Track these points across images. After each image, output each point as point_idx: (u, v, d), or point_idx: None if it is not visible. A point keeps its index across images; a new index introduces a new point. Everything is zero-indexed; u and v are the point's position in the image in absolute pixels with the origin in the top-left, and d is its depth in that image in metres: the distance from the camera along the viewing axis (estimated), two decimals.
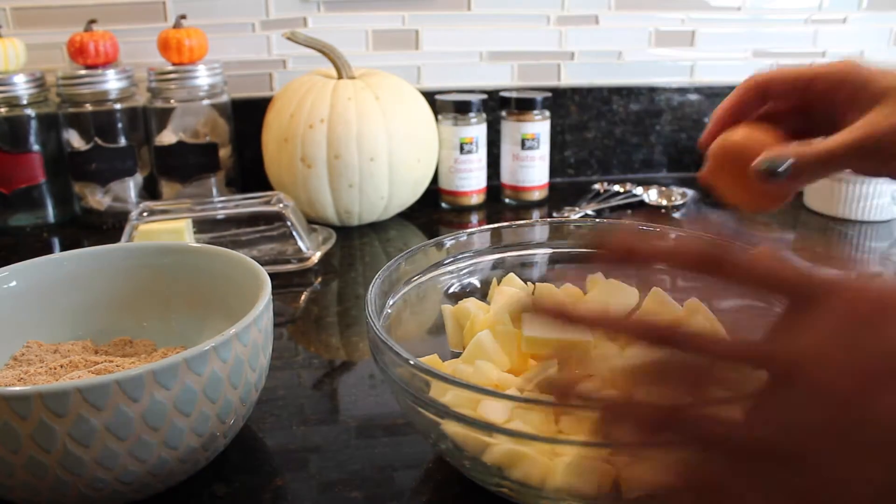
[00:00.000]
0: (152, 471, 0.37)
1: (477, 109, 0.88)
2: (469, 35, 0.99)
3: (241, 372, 0.39)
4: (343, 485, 0.42)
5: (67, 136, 0.85)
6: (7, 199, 0.85)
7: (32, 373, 0.43)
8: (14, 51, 0.83)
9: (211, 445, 0.39)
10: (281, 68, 0.96)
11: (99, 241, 0.55)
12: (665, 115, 1.04)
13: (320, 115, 0.78)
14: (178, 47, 0.84)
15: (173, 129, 0.87)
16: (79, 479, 0.35)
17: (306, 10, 0.94)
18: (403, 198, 0.85)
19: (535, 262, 0.54)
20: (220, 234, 0.77)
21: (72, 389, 0.33)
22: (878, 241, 0.81)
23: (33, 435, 0.33)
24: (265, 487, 0.42)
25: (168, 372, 0.35)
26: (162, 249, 0.52)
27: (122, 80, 0.84)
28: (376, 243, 0.81)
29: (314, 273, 0.73)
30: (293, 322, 0.63)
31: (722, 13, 1.03)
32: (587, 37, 1.01)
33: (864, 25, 1.07)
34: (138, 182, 0.88)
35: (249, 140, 0.92)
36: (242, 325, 0.39)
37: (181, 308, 0.52)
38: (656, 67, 1.04)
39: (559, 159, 1.04)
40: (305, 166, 0.79)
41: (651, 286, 0.48)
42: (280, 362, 0.55)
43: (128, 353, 0.49)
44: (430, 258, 0.50)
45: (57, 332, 0.50)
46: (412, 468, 0.43)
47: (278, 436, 0.46)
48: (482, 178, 0.92)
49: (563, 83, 1.02)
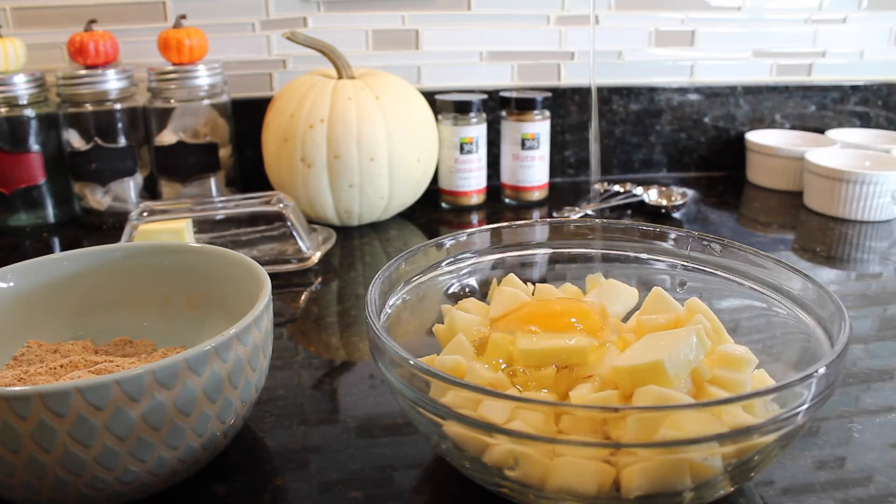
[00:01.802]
0: (152, 471, 0.37)
1: (477, 109, 0.88)
2: (469, 35, 0.99)
3: (241, 372, 0.39)
4: (343, 485, 0.42)
5: (67, 136, 0.85)
6: (7, 199, 0.85)
7: (32, 373, 0.43)
8: (14, 51, 0.83)
9: (211, 445, 0.39)
10: (281, 68, 0.96)
11: (99, 241, 0.56)
12: (665, 115, 1.04)
13: (320, 115, 0.78)
14: (178, 47, 0.84)
15: (173, 129, 0.87)
16: (79, 479, 0.35)
17: (306, 10, 0.94)
18: (403, 198, 0.85)
19: (535, 262, 0.54)
20: (220, 234, 0.77)
21: (72, 389, 0.33)
22: (878, 241, 0.81)
23: (33, 435, 0.33)
24: (265, 487, 0.42)
25: (168, 372, 0.35)
26: (162, 249, 0.52)
27: (122, 80, 0.84)
28: (376, 243, 0.81)
29: (314, 273, 0.73)
30: (293, 322, 0.63)
31: (722, 13, 1.03)
32: (587, 37, 1.01)
33: (864, 25, 1.07)
34: (138, 182, 0.88)
35: (249, 140, 0.92)
36: (242, 325, 0.39)
37: (181, 308, 0.52)
38: (656, 67, 1.04)
39: (559, 159, 1.04)
40: (305, 166, 0.79)
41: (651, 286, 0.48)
42: (280, 362, 0.55)
43: (128, 353, 0.49)
44: (430, 258, 0.50)
45: (57, 332, 0.50)
46: (412, 468, 0.43)
47: (278, 436, 0.46)
48: (482, 178, 0.92)
49: (563, 83, 1.02)
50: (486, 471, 0.37)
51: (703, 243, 0.50)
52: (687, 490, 0.34)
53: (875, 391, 0.51)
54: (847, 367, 0.53)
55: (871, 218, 0.85)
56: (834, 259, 0.76)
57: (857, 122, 1.10)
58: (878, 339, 0.58)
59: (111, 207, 0.87)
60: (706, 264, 0.50)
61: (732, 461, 0.34)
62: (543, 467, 0.35)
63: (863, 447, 0.44)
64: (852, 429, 0.46)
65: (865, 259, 0.77)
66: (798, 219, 0.89)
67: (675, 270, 0.51)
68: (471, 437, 0.36)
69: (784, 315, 0.45)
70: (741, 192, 1.00)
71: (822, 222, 0.86)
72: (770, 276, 0.46)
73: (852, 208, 0.85)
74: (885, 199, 0.84)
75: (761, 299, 0.47)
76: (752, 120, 1.07)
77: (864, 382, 0.52)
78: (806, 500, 0.40)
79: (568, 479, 0.34)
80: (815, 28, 1.06)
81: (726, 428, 0.32)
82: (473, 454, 0.37)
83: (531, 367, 0.40)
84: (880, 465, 0.43)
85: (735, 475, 0.35)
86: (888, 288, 0.70)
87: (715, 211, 0.92)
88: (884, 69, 1.10)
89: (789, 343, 0.44)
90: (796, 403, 0.33)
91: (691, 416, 0.33)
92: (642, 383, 0.36)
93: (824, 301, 0.41)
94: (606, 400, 0.37)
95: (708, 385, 0.38)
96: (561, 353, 0.40)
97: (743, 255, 0.48)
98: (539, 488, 0.35)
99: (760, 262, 0.47)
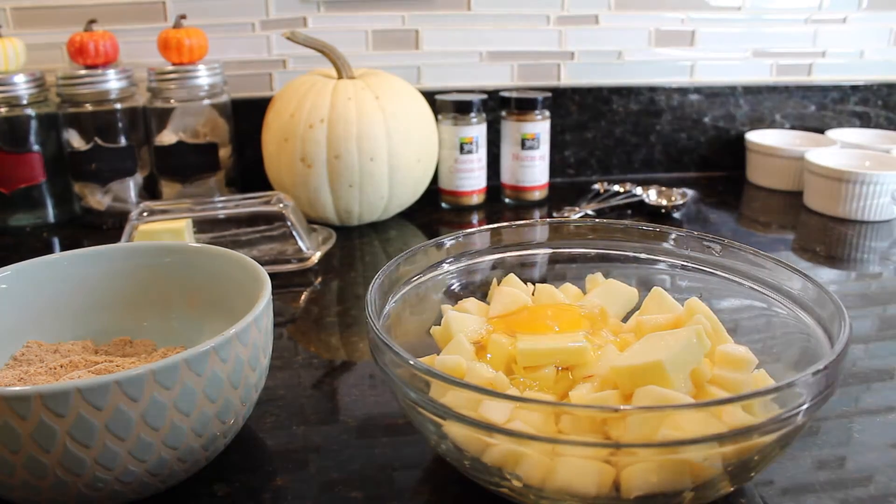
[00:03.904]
0: (152, 471, 0.37)
1: (477, 109, 0.88)
2: (469, 35, 0.99)
3: (241, 372, 0.39)
4: (343, 485, 0.42)
5: (67, 136, 0.85)
6: (7, 199, 0.85)
7: (32, 373, 0.43)
8: (14, 51, 0.83)
9: (211, 445, 0.39)
10: (281, 68, 0.96)
11: (99, 241, 0.55)
12: (665, 115, 1.04)
13: (320, 115, 0.78)
14: (178, 47, 0.84)
15: (173, 129, 0.87)
16: (79, 479, 0.35)
17: (306, 10, 0.94)
18: (403, 198, 0.84)
19: (535, 262, 0.54)
20: (220, 234, 0.77)
21: (72, 389, 0.33)
22: (878, 241, 0.81)
23: (33, 435, 0.33)
24: (265, 487, 0.42)
25: (168, 372, 0.35)
26: (162, 249, 0.52)
27: (122, 80, 0.84)
28: (376, 243, 0.81)
29: (314, 273, 0.73)
30: (293, 322, 0.63)
31: (722, 13, 1.03)
32: (587, 37, 1.01)
33: (864, 25, 1.07)
34: (138, 182, 0.88)
35: (249, 140, 0.92)
36: (242, 325, 0.39)
37: (181, 308, 0.52)
38: (656, 67, 1.04)
39: (559, 159, 1.04)
40: (305, 166, 0.79)
41: (651, 286, 0.48)
42: (280, 362, 0.55)
43: (128, 353, 0.49)
44: (430, 258, 0.50)
45: (57, 332, 0.50)
46: (412, 468, 0.43)
47: (278, 436, 0.46)
48: (482, 178, 0.92)
49: (563, 83, 1.02)
50: (486, 471, 0.37)
51: (703, 243, 0.50)
52: (687, 490, 0.35)
53: (875, 391, 0.51)
54: (847, 367, 0.53)
55: (871, 218, 0.85)
56: (834, 259, 0.76)
57: (857, 122, 1.10)
58: (878, 339, 0.58)
59: (111, 207, 0.87)
60: (706, 264, 0.50)
61: (732, 461, 0.34)
62: (543, 467, 0.35)
63: (863, 447, 0.44)
64: (852, 429, 0.46)
65: (865, 259, 0.77)
66: (798, 219, 0.89)
67: (674, 270, 0.51)
68: (471, 437, 0.36)
69: (784, 315, 0.45)
70: (741, 192, 1.00)
71: (822, 222, 0.86)
72: (770, 276, 0.46)
73: (852, 208, 0.85)
74: (885, 199, 0.84)
75: (761, 299, 0.47)
76: (752, 120, 1.07)
77: (864, 382, 0.52)
78: (806, 500, 0.40)
79: (568, 479, 0.34)
80: (815, 28, 1.06)
81: (726, 428, 0.32)
82: (473, 454, 0.37)
83: (531, 368, 0.41)
84: (880, 465, 0.43)
85: (735, 475, 0.35)
86: (888, 288, 0.70)
87: (715, 211, 0.92)
88: (884, 69, 1.10)
89: (789, 343, 0.44)
90: (796, 403, 0.33)
91: (691, 417, 0.33)
92: (642, 383, 0.36)
93: (824, 301, 0.41)
94: (606, 400, 0.37)
95: (708, 385, 0.38)
96: (560, 354, 0.40)
97: (743, 255, 0.48)
98: (539, 488, 0.35)
99: (760, 262, 0.47)
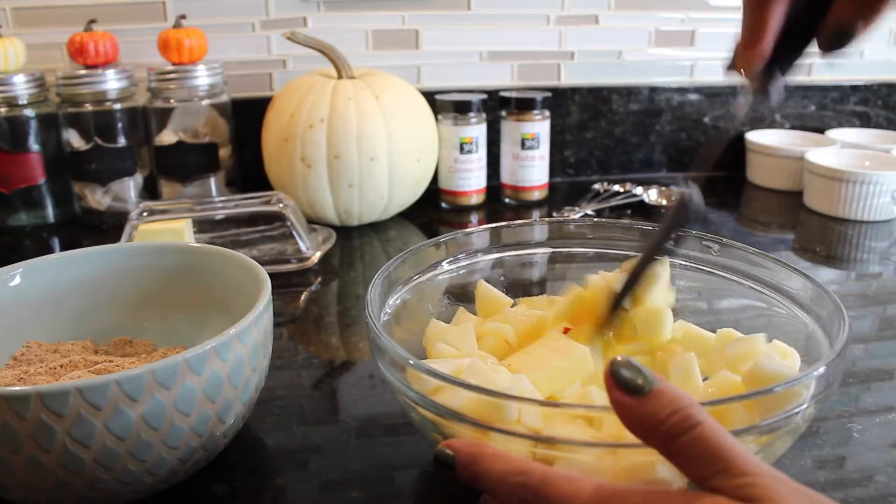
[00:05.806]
0: (152, 471, 0.37)
1: (477, 109, 0.88)
2: (469, 35, 0.99)
3: (241, 372, 0.39)
4: (343, 485, 0.42)
5: (67, 136, 0.85)
6: (7, 199, 0.85)
7: (32, 373, 0.43)
8: (14, 51, 0.83)
9: (211, 445, 0.39)
10: (281, 68, 0.96)
11: (99, 241, 0.55)
12: (665, 114, 1.04)
13: (320, 115, 0.78)
14: (178, 47, 0.84)
15: (173, 129, 0.87)
16: (79, 479, 0.35)
17: (306, 10, 0.94)
18: (403, 198, 0.84)
19: (535, 261, 0.54)
20: (220, 234, 0.77)
21: (72, 389, 0.33)
22: (878, 241, 0.81)
23: (33, 435, 0.33)
24: (265, 487, 0.42)
25: (168, 372, 0.35)
26: (162, 249, 0.52)
27: (121, 80, 0.84)
28: (376, 243, 0.81)
29: (314, 273, 0.73)
30: (293, 322, 0.63)
31: (722, 13, 1.03)
32: (587, 37, 1.01)
33: None
34: (138, 182, 0.88)
35: (249, 140, 0.92)
36: (242, 325, 0.39)
37: (181, 308, 0.52)
38: (656, 67, 1.04)
39: (559, 159, 1.04)
40: (305, 166, 0.79)
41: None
42: (280, 362, 0.55)
43: (128, 353, 0.49)
44: (430, 258, 0.50)
45: (57, 332, 0.50)
46: (412, 468, 0.43)
47: (278, 436, 0.46)
48: (482, 178, 0.92)
49: (563, 83, 1.02)
50: None
51: (702, 243, 0.50)
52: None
53: (875, 391, 0.51)
54: (847, 367, 0.53)
55: (871, 218, 0.85)
56: (834, 259, 0.76)
57: (857, 122, 1.10)
58: (878, 339, 0.58)
59: (111, 207, 0.87)
60: (706, 264, 0.50)
61: None
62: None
63: (863, 447, 0.44)
64: (852, 429, 0.46)
65: (865, 259, 0.77)
66: (798, 219, 0.89)
67: (674, 270, 0.51)
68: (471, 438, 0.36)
69: (784, 315, 0.45)
70: (741, 192, 1.00)
71: (822, 222, 0.86)
72: (770, 276, 0.46)
73: (852, 208, 0.85)
74: (885, 199, 0.84)
75: (761, 299, 0.47)
76: (752, 120, 1.07)
77: (864, 382, 0.52)
78: None
79: None
80: None
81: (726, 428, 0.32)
82: None
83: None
84: (880, 465, 0.43)
85: None
86: (888, 288, 0.70)
87: (715, 211, 0.92)
88: (884, 69, 1.10)
89: (789, 343, 0.44)
90: (796, 403, 0.33)
91: None
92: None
93: (824, 301, 0.41)
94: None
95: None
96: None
97: (743, 255, 0.48)
98: None
99: (760, 262, 0.47)
